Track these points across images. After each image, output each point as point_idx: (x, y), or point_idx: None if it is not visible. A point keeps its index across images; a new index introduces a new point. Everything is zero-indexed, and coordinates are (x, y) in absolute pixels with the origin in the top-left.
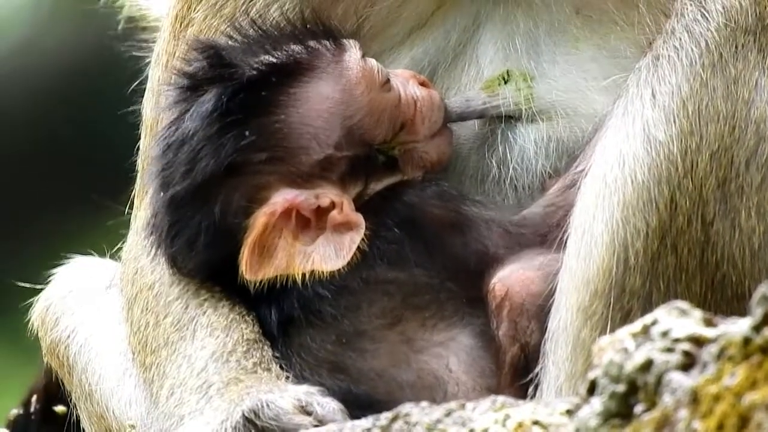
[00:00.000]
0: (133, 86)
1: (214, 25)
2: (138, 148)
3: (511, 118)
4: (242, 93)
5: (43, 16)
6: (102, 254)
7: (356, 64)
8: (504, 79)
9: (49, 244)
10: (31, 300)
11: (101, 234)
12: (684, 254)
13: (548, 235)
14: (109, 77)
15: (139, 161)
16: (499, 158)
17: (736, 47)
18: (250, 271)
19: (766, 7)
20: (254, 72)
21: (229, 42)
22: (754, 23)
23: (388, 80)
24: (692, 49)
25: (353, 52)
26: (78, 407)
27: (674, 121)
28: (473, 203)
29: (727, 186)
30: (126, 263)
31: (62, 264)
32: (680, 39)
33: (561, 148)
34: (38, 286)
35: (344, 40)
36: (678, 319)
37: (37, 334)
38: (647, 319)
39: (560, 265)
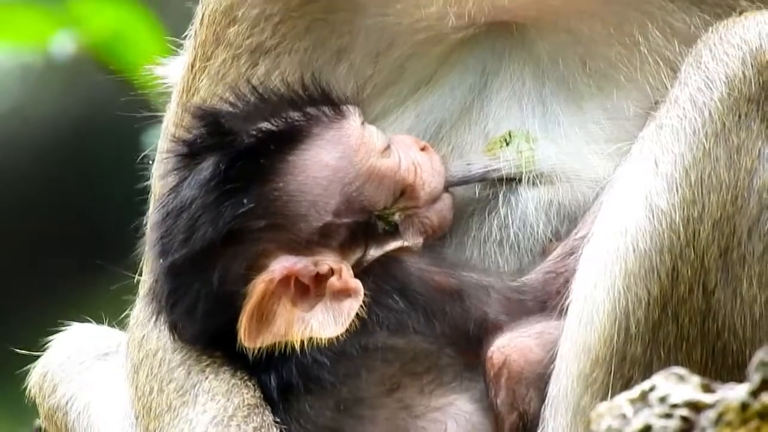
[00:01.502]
0: (132, 153)
1: (218, 92)
2: (141, 215)
3: (512, 181)
4: (240, 161)
5: (32, 85)
6: (100, 321)
7: (355, 131)
8: (506, 140)
9: (47, 310)
10: (29, 367)
11: (100, 300)
12: (685, 323)
13: (548, 302)
14: (101, 146)
15: (147, 228)
16: (501, 221)
17: (739, 116)
18: (249, 338)
19: None
20: (252, 139)
21: (229, 109)
22: (757, 92)
23: (388, 146)
24: (695, 118)
25: (353, 118)
26: None
27: (677, 190)
28: (473, 269)
29: (729, 255)
30: (133, 329)
31: (60, 331)
32: (684, 108)
33: (562, 212)
34: (36, 353)
35: (344, 106)
36: (676, 385)
37: (35, 401)
38: (645, 385)
39: (559, 332)
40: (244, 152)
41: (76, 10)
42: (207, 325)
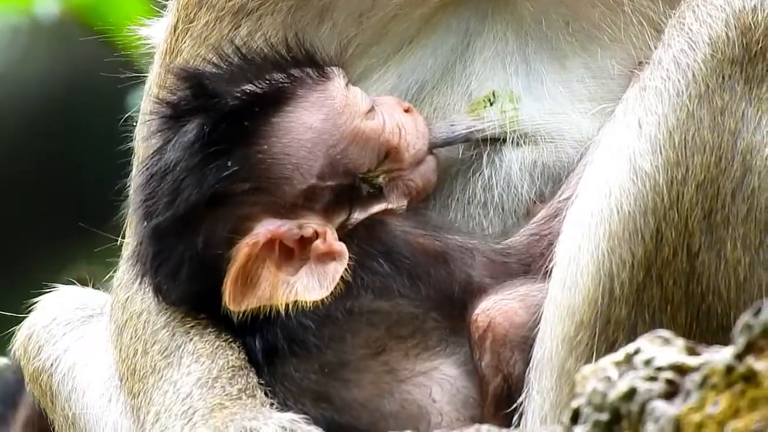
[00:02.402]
0: (116, 115)
1: (201, 54)
2: (124, 178)
3: (496, 141)
4: (225, 123)
5: (19, 50)
6: (85, 283)
7: (340, 93)
8: (489, 101)
9: (31, 272)
10: (13, 329)
11: (84, 262)
12: (669, 285)
13: (532, 264)
14: (87, 108)
15: (129, 190)
16: (485, 182)
17: (723, 78)
18: (234, 301)
19: (752, 39)
20: (237, 102)
21: (213, 71)
22: (741, 54)
23: (372, 108)
24: (679, 80)
25: (337, 80)
26: None
27: (660, 152)
28: (457, 232)
29: (713, 217)
30: (117, 291)
31: (45, 293)
32: (667, 69)
33: (546, 173)
34: (20, 316)
35: (328, 68)
36: (661, 348)
37: (20, 362)
38: (630, 347)
39: (544, 294)
40: (229, 114)
41: None
42: (191, 287)
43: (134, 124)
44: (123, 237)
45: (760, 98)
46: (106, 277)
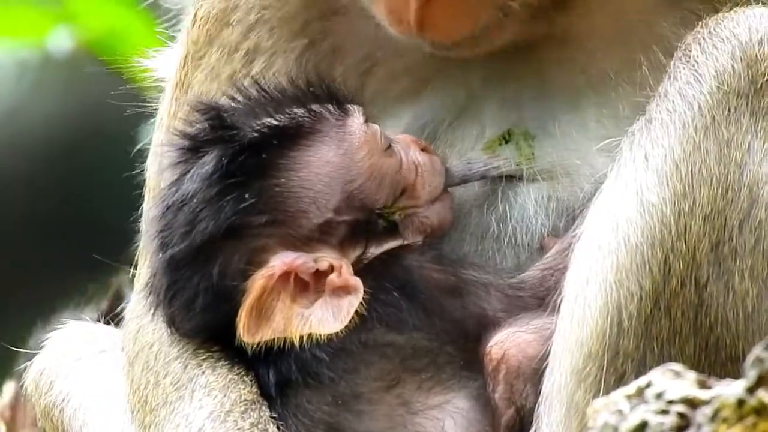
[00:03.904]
0: (127, 148)
1: (213, 88)
2: (137, 210)
3: (512, 178)
4: (243, 155)
5: (29, 81)
6: (98, 318)
7: (359, 129)
8: (505, 138)
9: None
10: (25, 365)
11: (98, 297)
12: (677, 317)
13: (546, 298)
14: (99, 141)
15: (142, 222)
16: (499, 216)
17: (729, 110)
18: (248, 333)
19: (758, 71)
20: (255, 134)
21: (231, 104)
22: (747, 86)
23: (389, 146)
24: (685, 112)
25: (356, 116)
26: None
27: (667, 184)
28: (471, 267)
29: (721, 249)
30: (128, 322)
31: (56, 328)
32: (673, 102)
33: (561, 207)
34: (32, 351)
35: (347, 105)
36: (672, 381)
37: (31, 399)
38: (642, 381)
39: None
40: (247, 147)
41: (73, 6)
42: (205, 319)
43: (145, 156)
44: (135, 269)
45: (766, 130)
46: (119, 309)
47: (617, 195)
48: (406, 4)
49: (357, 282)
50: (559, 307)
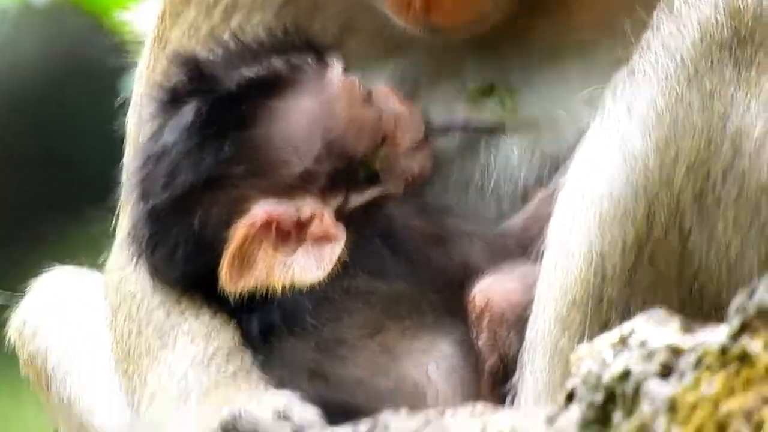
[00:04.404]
0: (109, 98)
1: (191, 44)
2: (118, 160)
3: (495, 130)
4: (222, 106)
5: (9, 33)
6: (81, 264)
7: (337, 79)
8: (488, 92)
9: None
10: (8, 312)
11: (81, 244)
12: (661, 266)
13: (529, 246)
14: (78, 91)
15: (123, 173)
16: (483, 167)
17: (712, 62)
18: (230, 282)
19: (741, 22)
20: (234, 85)
21: (210, 55)
22: (730, 38)
23: (369, 95)
24: (668, 64)
25: (335, 67)
26: (56, 421)
27: (650, 135)
28: (455, 216)
29: (704, 199)
30: (111, 272)
31: (39, 275)
32: (656, 53)
33: (544, 158)
34: (16, 294)
35: (327, 55)
36: (655, 328)
37: (14, 346)
38: (625, 328)
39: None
40: (226, 98)
41: None
42: (187, 268)
43: (126, 108)
44: (116, 219)
45: (748, 81)
46: (101, 258)
47: (601, 145)
48: None
49: (338, 230)
50: (542, 255)
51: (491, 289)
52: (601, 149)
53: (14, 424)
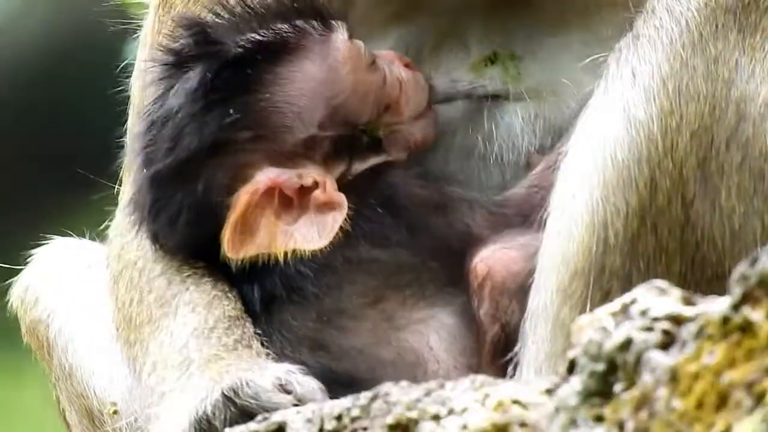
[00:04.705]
0: (114, 66)
1: (196, 8)
2: (122, 127)
3: (498, 97)
4: (227, 71)
5: (16, 4)
6: (83, 233)
7: (343, 45)
8: (491, 59)
9: (29, 224)
10: (10, 281)
11: (83, 214)
12: (664, 234)
13: (531, 215)
14: (86, 58)
15: (126, 139)
16: (485, 134)
17: (717, 27)
18: (232, 249)
19: None
20: (240, 50)
21: (216, 20)
22: (734, 3)
23: (374, 61)
24: (672, 28)
25: (340, 32)
26: (57, 388)
27: (654, 101)
28: (456, 184)
29: (708, 165)
30: (112, 240)
31: (42, 244)
32: (660, 18)
33: (547, 126)
34: (17, 267)
35: (332, 21)
36: (657, 298)
37: (17, 314)
38: (626, 298)
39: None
40: (231, 62)
41: None
42: (189, 235)
43: (130, 72)
44: (119, 186)
45: (753, 47)
46: (104, 226)
47: (604, 111)
48: None
49: (341, 198)
50: (544, 223)
51: (492, 258)
52: (605, 115)
53: (15, 399)
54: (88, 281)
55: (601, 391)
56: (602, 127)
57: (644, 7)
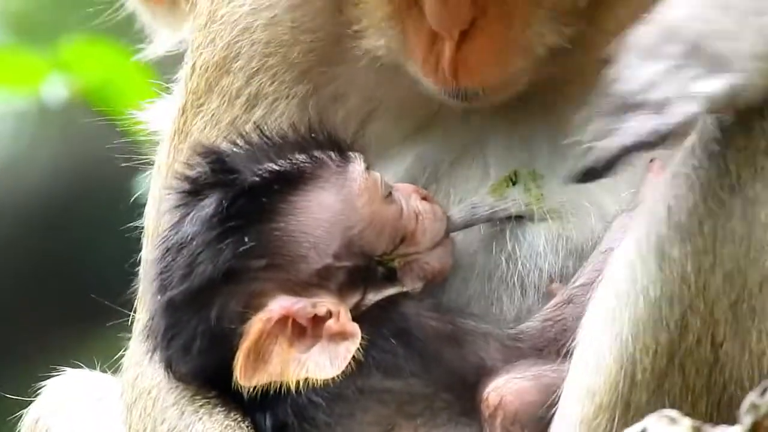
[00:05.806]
0: (123, 197)
1: (213, 135)
2: (133, 258)
3: (521, 218)
4: (243, 199)
5: (25, 142)
6: (96, 363)
7: (360, 176)
8: (512, 180)
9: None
10: (21, 413)
11: (96, 343)
12: (692, 374)
13: (545, 349)
14: (96, 190)
15: (140, 269)
16: (508, 254)
17: (756, 169)
18: (245, 377)
19: None
20: (256, 178)
21: (232, 148)
22: None
23: (390, 193)
24: (711, 169)
25: (357, 163)
26: None
27: (689, 240)
28: (470, 316)
29: (739, 307)
30: (127, 368)
31: (53, 376)
32: (699, 158)
33: (570, 246)
34: (28, 399)
35: (349, 151)
36: (668, 428)
37: None
38: (637, 427)
39: (556, 375)
40: (247, 191)
41: (67, 54)
42: (203, 362)
43: (142, 204)
44: (133, 313)
45: None
46: (118, 355)
47: (637, 247)
48: (441, 52)
49: (354, 328)
50: (560, 355)
51: (505, 388)
52: (639, 251)
53: None
54: (99, 413)
55: None
56: (635, 263)
57: (683, 144)
